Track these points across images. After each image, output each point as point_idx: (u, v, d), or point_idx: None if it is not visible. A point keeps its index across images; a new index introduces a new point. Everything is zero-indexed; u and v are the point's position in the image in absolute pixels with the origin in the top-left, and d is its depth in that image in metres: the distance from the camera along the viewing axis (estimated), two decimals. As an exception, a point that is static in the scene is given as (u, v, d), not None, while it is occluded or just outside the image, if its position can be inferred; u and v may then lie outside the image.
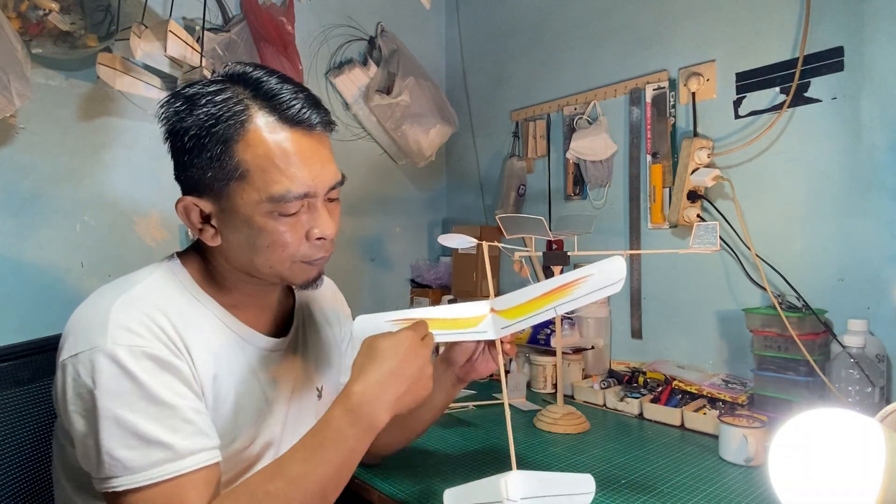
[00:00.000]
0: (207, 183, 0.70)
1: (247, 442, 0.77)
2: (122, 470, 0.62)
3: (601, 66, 1.65)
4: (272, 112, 0.69)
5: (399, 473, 1.00)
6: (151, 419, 0.63)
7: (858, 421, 0.63)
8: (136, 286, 0.71)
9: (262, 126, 0.68)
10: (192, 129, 0.68)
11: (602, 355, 1.56)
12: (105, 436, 0.63)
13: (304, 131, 0.70)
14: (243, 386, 0.76)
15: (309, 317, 0.92)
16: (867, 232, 1.17)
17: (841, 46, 1.19)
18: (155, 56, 1.35)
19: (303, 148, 0.70)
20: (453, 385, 0.92)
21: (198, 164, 0.69)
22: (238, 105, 0.68)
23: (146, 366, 0.65)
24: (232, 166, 0.68)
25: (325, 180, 0.72)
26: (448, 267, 1.99)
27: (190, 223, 0.73)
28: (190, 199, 0.71)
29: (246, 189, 0.68)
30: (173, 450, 0.63)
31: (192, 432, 0.65)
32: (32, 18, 1.24)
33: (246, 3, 1.59)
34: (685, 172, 1.36)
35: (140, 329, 0.66)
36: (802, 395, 1.15)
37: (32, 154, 1.33)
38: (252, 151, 0.67)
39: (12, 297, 1.30)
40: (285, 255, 0.72)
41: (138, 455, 0.62)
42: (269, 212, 0.69)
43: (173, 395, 0.65)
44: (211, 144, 0.67)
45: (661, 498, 0.91)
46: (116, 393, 0.63)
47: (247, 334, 0.78)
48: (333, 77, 1.83)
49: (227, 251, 0.74)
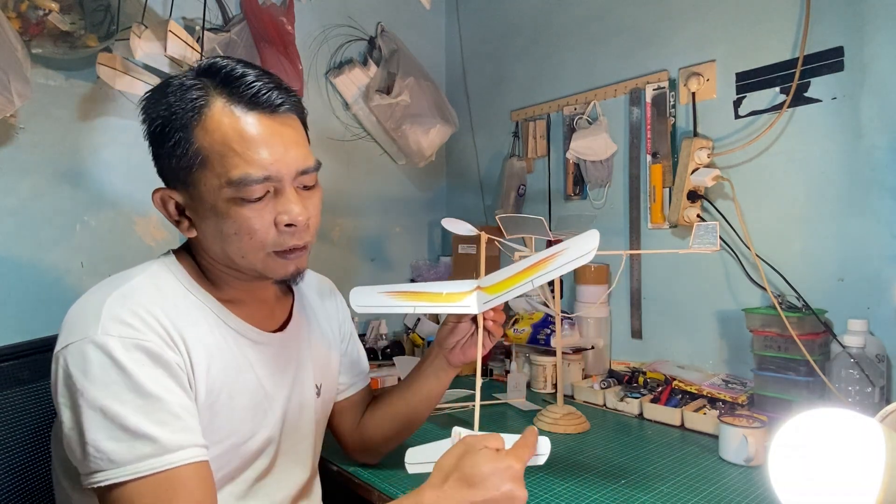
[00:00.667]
0: (175, 172, 0.70)
1: (245, 437, 0.77)
2: (107, 463, 0.61)
3: (601, 66, 1.65)
4: (230, 96, 0.68)
5: (399, 473, 1.00)
6: (139, 411, 0.62)
7: (858, 421, 0.63)
8: (132, 281, 0.71)
9: (218, 110, 0.68)
10: (158, 118, 0.69)
11: (602, 355, 1.56)
12: (90, 427, 0.61)
13: (264, 113, 0.69)
14: (240, 381, 0.76)
15: (308, 314, 0.92)
16: (867, 232, 1.17)
17: (841, 46, 1.19)
18: (155, 56, 1.35)
19: (263, 130, 0.68)
20: (444, 371, 0.93)
21: (164, 154, 0.70)
22: (198, 91, 0.68)
23: (137, 357, 0.64)
24: (192, 153, 0.67)
25: (290, 164, 0.69)
26: (448, 267, 1.98)
27: (167, 214, 0.74)
28: (163, 191, 0.73)
29: (208, 176, 0.68)
30: (160, 443, 0.62)
31: (181, 427, 0.64)
32: (32, 18, 1.24)
33: (246, 3, 1.59)
34: (685, 172, 1.36)
35: (133, 321, 0.66)
36: (802, 395, 1.15)
37: (32, 154, 1.33)
38: (210, 137, 0.67)
39: (12, 297, 1.30)
40: (255, 244, 0.70)
41: (124, 448, 0.61)
42: (231, 198, 0.67)
43: (162, 389, 0.64)
44: (172, 132, 0.68)
45: (661, 498, 0.91)
46: (104, 383, 0.62)
47: (243, 329, 0.78)
48: (333, 77, 1.83)
49: (203, 243, 0.74)
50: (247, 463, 0.78)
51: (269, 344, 0.81)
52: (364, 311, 0.84)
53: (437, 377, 0.94)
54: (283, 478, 0.83)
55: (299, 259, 0.75)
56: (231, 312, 0.77)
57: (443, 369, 0.93)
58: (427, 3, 1.66)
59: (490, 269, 0.88)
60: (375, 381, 1.45)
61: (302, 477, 0.86)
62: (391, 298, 0.84)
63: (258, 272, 0.74)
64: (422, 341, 1.77)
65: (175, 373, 0.67)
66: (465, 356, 0.91)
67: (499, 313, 0.88)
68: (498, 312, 0.88)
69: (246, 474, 0.78)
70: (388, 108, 1.83)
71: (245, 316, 0.79)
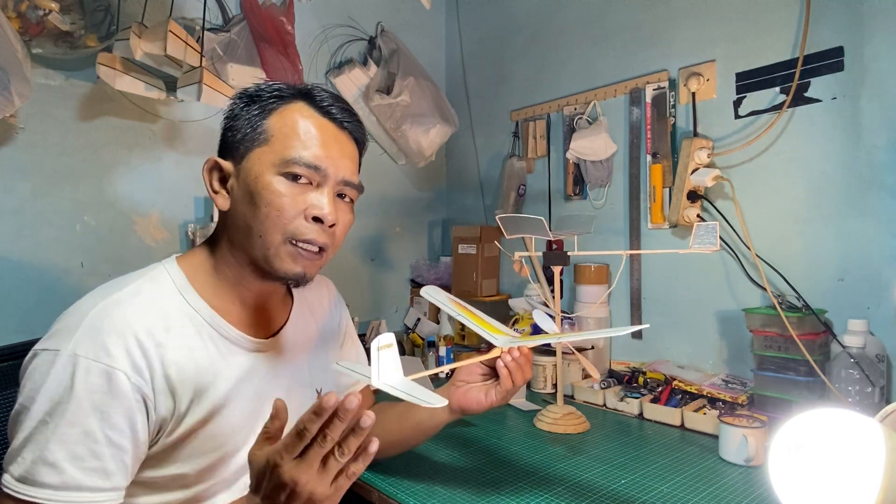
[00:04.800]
0: (237, 144, 0.76)
1: (240, 444, 0.77)
2: (17, 472, 0.62)
3: (601, 66, 1.65)
4: (310, 102, 0.78)
5: (399, 473, 1.00)
6: (61, 440, 0.63)
7: (858, 421, 0.63)
8: (124, 289, 0.72)
9: (296, 107, 0.77)
10: (245, 97, 0.78)
11: (602, 355, 1.56)
12: (21, 432, 0.63)
13: (331, 123, 0.78)
14: (234, 390, 0.76)
15: (307, 316, 0.92)
16: (867, 232, 1.17)
17: (841, 46, 1.19)
18: (155, 56, 1.35)
19: (326, 133, 0.76)
20: (443, 409, 0.89)
21: (235, 127, 0.76)
22: (287, 91, 0.78)
23: (94, 383, 0.64)
24: (260, 130, 0.75)
25: (339, 168, 0.76)
26: (448, 267, 1.98)
27: (209, 182, 0.78)
28: (217, 159, 0.77)
29: (265, 152, 0.74)
30: (62, 477, 0.62)
31: (94, 468, 0.64)
32: (32, 18, 1.24)
33: (246, 3, 1.59)
34: (685, 172, 1.36)
35: (109, 340, 0.66)
36: (802, 395, 1.15)
37: (32, 154, 1.33)
38: (281, 121, 0.75)
39: (12, 297, 1.30)
40: (278, 224, 0.72)
41: (33, 468, 0.62)
42: (277, 172, 0.73)
43: (100, 424, 0.64)
44: (253, 110, 0.76)
45: (661, 498, 0.91)
46: (51, 399, 0.63)
47: (237, 338, 0.78)
48: (333, 77, 1.83)
49: (231, 220, 0.76)
50: (242, 470, 0.78)
51: (265, 350, 0.81)
52: (427, 299, 0.95)
53: (431, 412, 0.91)
54: None
55: (310, 263, 0.75)
56: (225, 321, 0.77)
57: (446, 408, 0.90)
58: (427, 3, 1.66)
59: (490, 269, 0.88)
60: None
61: None
62: (448, 301, 0.94)
63: (269, 259, 0.74)
64: (422, 341, 1.77)
65: (128, 406, 0.66)
66: (465, 400, 0.88)
67: (525, 356, 0.85)
68: (525, 356, 0.85)
69: (241, 481, 0.78)
70: (388, 108, 1.83)
71: (241, 324, 0.79)
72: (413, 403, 0.93)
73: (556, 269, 1.25)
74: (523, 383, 0.87)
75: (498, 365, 0.85)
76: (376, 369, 0.62)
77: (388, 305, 2.03)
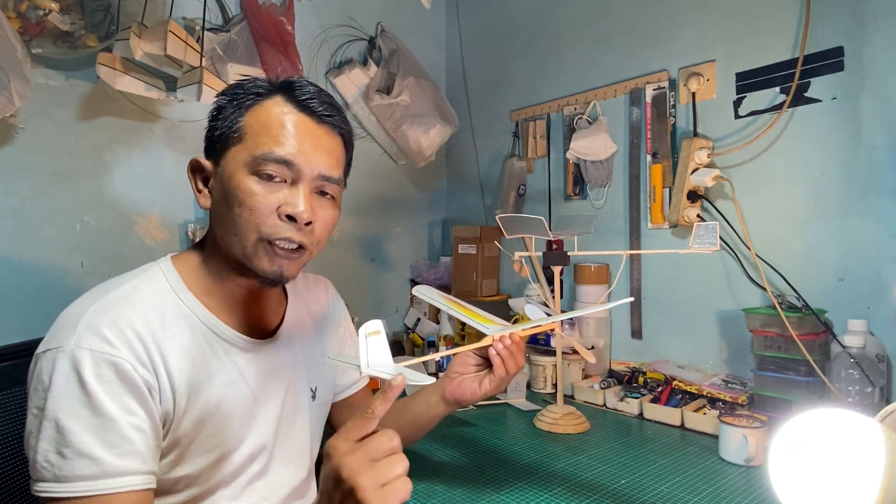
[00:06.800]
0: (214, 143, 0.75)
1: (236, 444, 0.77)
2: (50, 476, 0.61)
3: (601, 66, 1.65)
4: (288, 96, 0.75)
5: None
6: (90, 430, 0.62)
7: (858, 421, 0.63)
8: (120, 288, 0.71)
9: (273, 102, 0.75)
10: (225, 96, 0.76)
11: (602, 355, 1.56)
12: (43, 436, 0.62)
13: (310, 118, 0.75)
14: (229, 391, 0.76)
15: (304, 316, 0.92)
16: (867, 232, 1.17)
17: (841, 46, 1.19)
18: (155, 56, 1.35)
19: (301, 128, 0.74)
20: (436, 401, 0.91)
21: (214, 126, 0.76)
22: (264, 87, 0.76)
23: (104, 373, 0.64)
24: (236, 128, 0.73)
25: (313, 163, 0.73)
26: (448, 267, 1.98)
27: (193, 182, 0.78)
28: (198, 159, 0.77)
29: (239, 150, 0.73)
30: (101, 466, 0.62)
31: (128, 451, 0.64)
32: (32, 18, 1.24)
33: (246, 3, 1.59)
34: (685, 172, 1.36)
35: (110, 333, 0.66)
36: (802, 395, 1.15)
37: (32, 154, 1.33)
38: (255, 118, 0.74)
39: (12, 297, 1.30)
40: (252, 223, 0.71)
41: (67, 464, 0.61)
42: (249, 171, 0.72)
43: (120, 410, 0.64)
44: (229, 108, 0.75)
45: (661, 498, 0.91)
46: (65, 396, 0.63)
47: (232, 338, 0.78)
48: (333, 77, 1.83)
49: (214, 219, 0.76)
50: (240, 469, 0.78)
51: (260, 351, 0.81)
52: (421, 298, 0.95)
53: (427, 405, 0.91)
54: (277, 480, 0.83)
55: (288, 262, 0.74)
56: (221, 321, 0.77)
57: (434, 395, 0.91)
58: (427, 3, 1.66)
59: (490, 269, 0.88)
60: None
61: (297, 479, 0.86)
62: (441, 298, 0.94)
63: (247, 257, 0.73)
64: (421, 341, 1.77)
65: (141, 393, 0.66)
66: (460, 391, 0.88)
67: (517, 344, 0.85)
68: (516, 343, 0.85)
69: (240, 479, 0.78)
70: (388, 108, 1.83)
71: (236, 324, 0.79)
72: (409, 399, 0.92)
73: (556, 269, 1.25)
74: (517, 371, 0.87)
75: (490, 353, 0.85)
76: (365, 356, 0.62)
77: (388, 305, 2.03)
